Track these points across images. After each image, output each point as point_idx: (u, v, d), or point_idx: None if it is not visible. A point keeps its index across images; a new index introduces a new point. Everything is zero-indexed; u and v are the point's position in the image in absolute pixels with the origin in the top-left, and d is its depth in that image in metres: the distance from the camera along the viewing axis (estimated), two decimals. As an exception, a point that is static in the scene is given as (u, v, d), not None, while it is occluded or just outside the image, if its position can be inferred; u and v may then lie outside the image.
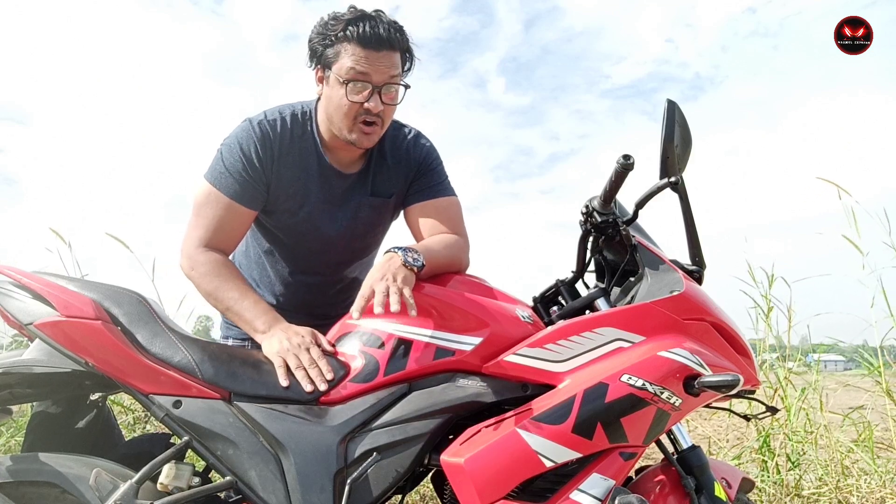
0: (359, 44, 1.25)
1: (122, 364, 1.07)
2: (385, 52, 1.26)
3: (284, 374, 1.12)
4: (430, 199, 1.44)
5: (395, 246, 1.21)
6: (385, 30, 1.26)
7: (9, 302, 1.11)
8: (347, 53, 1.26)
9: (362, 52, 1.25)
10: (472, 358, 1.12)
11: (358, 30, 1.25)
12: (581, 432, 1.01)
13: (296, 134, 1.37)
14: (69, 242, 2.69)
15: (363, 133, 1.31)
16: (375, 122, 1.31)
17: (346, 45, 1.26)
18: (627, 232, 1.25)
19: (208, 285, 1.27)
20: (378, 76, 1.27)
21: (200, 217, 1.32)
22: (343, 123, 1.31)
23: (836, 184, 2.52)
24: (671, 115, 1.13)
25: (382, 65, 1.27)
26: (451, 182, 1.50)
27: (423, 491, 2.39)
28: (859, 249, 2.48)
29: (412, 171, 1.46)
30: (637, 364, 1.06)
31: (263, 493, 1.05)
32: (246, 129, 1.34)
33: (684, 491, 1.14)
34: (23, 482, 1.06)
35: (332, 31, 1.27)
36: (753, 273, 2.70)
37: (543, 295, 1.41)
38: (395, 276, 1.11)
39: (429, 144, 1.49)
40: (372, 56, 1.25)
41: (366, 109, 1.28)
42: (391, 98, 1.31)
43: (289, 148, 1.36)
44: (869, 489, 2.25)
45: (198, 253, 1.29)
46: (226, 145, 1.34)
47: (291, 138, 1.36)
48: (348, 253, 1.54)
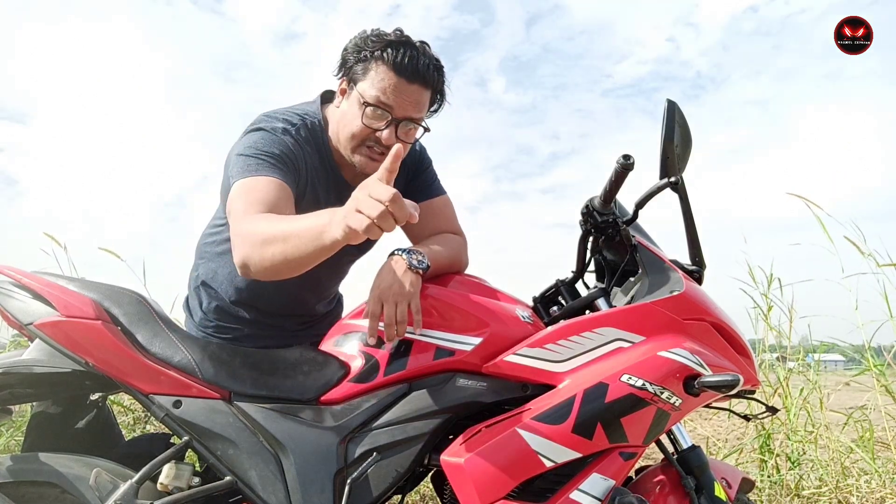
0: (392, 69, 1.18)
1: (122, 364, 1.07)
2: (416, 87, 1.20)
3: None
4: (426, 201, 1.40)
5: (399, 248, 1.20)
6: (424, 64, 1.19)
7: (9, 302, 1.12)
8: (378, 76, 1.19)
9: (393, 78, 1.18)
10: (471, 358, 1.12)
11: (396, 55, 1.17)
12: (581, 432, 1.01)
13: (311, 141, 1.29)
14: (64, 245, 2.70)
15: (369, 159, 1.24)
16: (384, 152, 1.22)
17: (380, 65, 1.19)
18: (627, 232, 1.25)
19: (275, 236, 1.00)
20: (401, 109, 1.20)
21: (242, 203, 1.10)
22: (349, 143, 1.25)
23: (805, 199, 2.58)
24: (671, 114, 1.14)
25: (409, 99, 1.20)
26: (440, 181, 1.47)
27: (423, 491, 2.39)
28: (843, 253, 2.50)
29: (407, 174, 1.42)
30: (637, 364, 1.06)
31: (263, 493, 1.05)
32: (265, 134, 1.22)
33: (684, 491, 1.14)
34: (23, 482, 1.06)
35: (368, 48, 1.20)
36: (753, 273, 2.70)
37: (543, 295, 1.41)
38: (402, 287, 1.11)
39: (419, 144, 1.42)
40: (401, 86, 1.18)
41: (377, 138, 1.22)
42: (407, 135, 1.24)
43: (310, 155, 1.28)
44: (869, 489, 2.25)
45: (247, 227, 1.06)
46: (247, 147, 1.20)
47: (310, 146, 1.29)
48: (346, 257, 1.50)
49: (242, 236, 1.06)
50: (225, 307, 1.39)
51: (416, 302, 1.12)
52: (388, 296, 1.10)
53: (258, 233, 1.03)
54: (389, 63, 1.17)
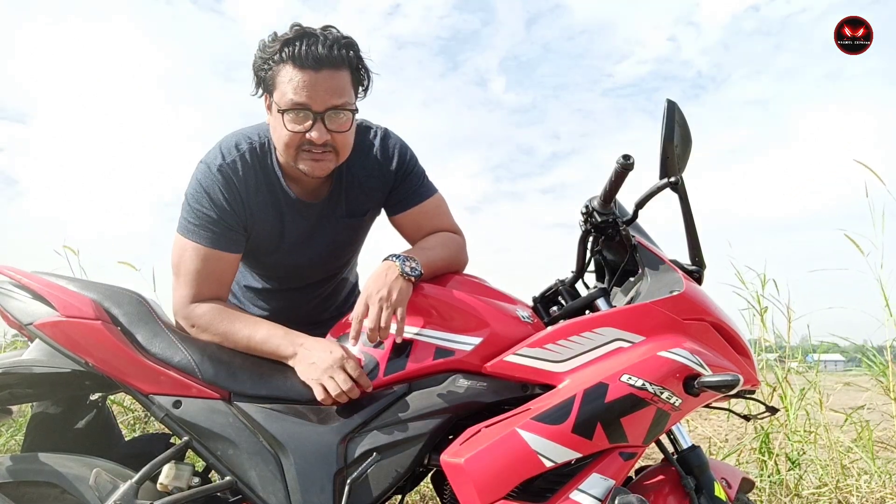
0: (294, 66, 1.12)
1: (122, 364, 1.07)
2: (326, 73, 1.13)
3: (323, 395, 1.08)
4: (417, 205, 1.37)
5: (394, 254, 1.19)
6: (326, 47, 1.12)
7: (9, 302, 1.12)
8: (285, 78, 1.14)
9: (299, 74, 1.12)
10: (471, 358, 1.12)
11: (294, 50, 1.12)
12: (581, 432, 1.01)
13: (258, 170, 1.25)
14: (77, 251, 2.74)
15: (314, 161, 1.19)
16: (325, 150, 1.18)
17: (283, 67, 1.14)
18: (627, 232, 1.25)
19: (215, 335, 1.18)
20: (318, 103, 1.14)
21: (183, 274, 1.21)
22: (287, 154, 1.20)
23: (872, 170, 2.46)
24: (671, 114, 1.13)
25: (322, 87, 1.13)
26: (428, 178, 1.41)
27: (423, 491, 2.39)
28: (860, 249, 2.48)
29: (390, 181, 1.35)
30: (637, 364, 1.06)
31: (263, 493, 1.05)
32: (206, 174, 1.22)
33: (684, 491, 1.14)
34: (23, 482, 1.06)
35: (270, 54, 1.15)
36: (742, 275, 2.72)
37: (543, 295, 1.40)
38: (390, 293, 1.11)
39: (399, 145, 1.35)
40: (311, 79, 1.12)
41: (309, 140, 1.16)
42: (339, 125, 1.18)
43: (255, 188, 1.25)
44: (869, 489, 2.25)
45: (191, 309, 1.19)
46: (191, 196, 1.22)
47: (256, 176, 1.25)
48: (331, 270, 1.50)
49: (188, 319, 1.20)
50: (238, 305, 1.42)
51: (403, 310, 1.12)
52: (375, 300, 1.10)
53: (209, 330, 1.18)
54: (290, 61, 1.13)
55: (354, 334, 1.12)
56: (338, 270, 1.53)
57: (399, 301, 1.11)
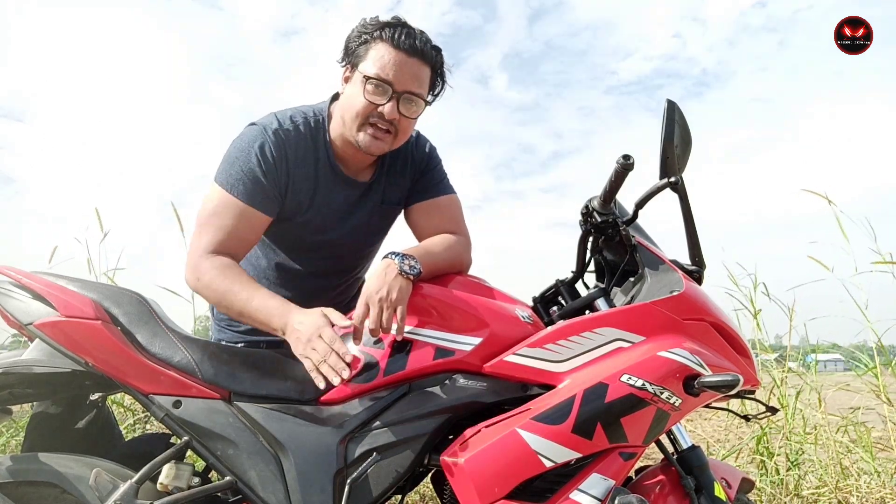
0: (391, 45, 1.24)
1: (122, 364, 1.07)
2: (415, 61, 1.25)
3: (311, 368, 1.07)
4: (432, 199, 1.44)
5: (393, 252, 1.20)
6: (421, 42, 1.26)
7: (9, 302, 1.12)
8: (378, 53, 1.24)
9: (392, 52, 1.24)
10: (471, 358, 1.12)
11: (393, 32, 1.24)
12: (581, 432, 1.01)
13: (308, 143, 1.33)
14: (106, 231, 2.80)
15: (373, 137, 1.28)
16: (389, 129, 1.28)
17: (379, 44, 1.25)
18: (627, 232, 1.25)
19: (215, 292, 1.19)
20: (401, 83, 1.25)
21: (211, 224, 1.24)
22: (354, 122, 1.28)
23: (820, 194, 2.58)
24: (671, 114, 1.14)
25: (409, 72, 1.25)
26: (449, 179, 1.50)
27: (423, 491, 2.39)
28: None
29: (416, 172, 1.45)
30: (637, 364, 1.06)
31: (263, 493, 1.05)
32: (260, 133, 1.28)
33: (684, 491, 1.14)
34: (23, 482, 1.06)
35: (368, 31, 1.26)
36: (735, 279, 2.73)
37: (543, 295, 1.41)
38: (390, 292, 1.11)
39: (430, 144, 1.49)
40: (401, 60, 1.24)
41: (380, 113, 1.26)
42: (409, 110, 1.28)
43: (303, 157, 1.32)
44: (868, 489, 2.26)
45: (204, 259, 1.21)
46: (238, 150, 1.28)
47: (306, 147, 1.32)
48: (358, 258, 1.55)
49: (198, 269, 1.21)
50: None
51: (403, 309, 1.12)
52: (376, 300, 1.10)
53: (212, 285, 1.19)
54: (388, 40, 1.24)
55: (357, 335, 1.12)
56: (358, 262, 1.56)
57: (399, 300, 1.12)
